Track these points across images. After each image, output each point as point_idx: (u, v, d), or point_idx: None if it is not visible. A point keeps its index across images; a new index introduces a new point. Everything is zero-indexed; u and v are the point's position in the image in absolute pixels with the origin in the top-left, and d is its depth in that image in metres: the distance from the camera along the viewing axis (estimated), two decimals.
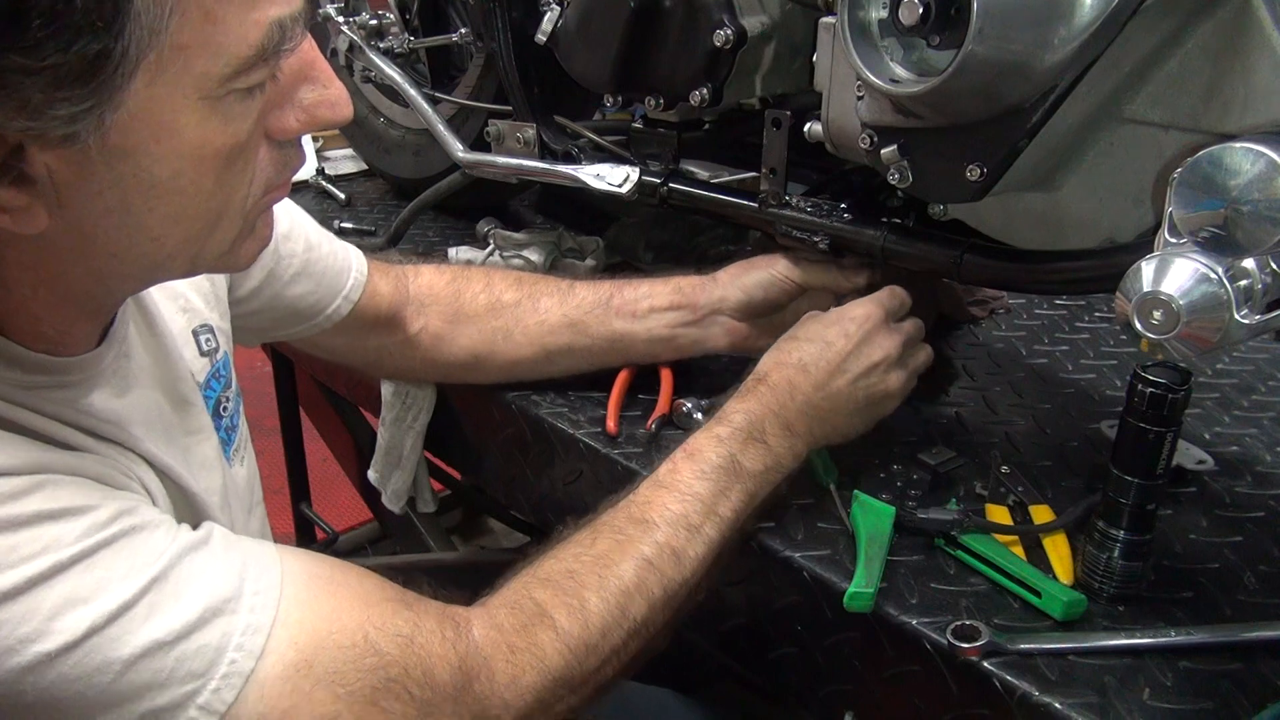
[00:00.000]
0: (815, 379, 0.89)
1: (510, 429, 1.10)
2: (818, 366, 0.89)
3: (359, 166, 1.80)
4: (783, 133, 0.98)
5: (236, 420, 0.85)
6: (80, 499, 0.58)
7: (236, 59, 0.53)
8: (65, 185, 0.53)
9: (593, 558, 0.76)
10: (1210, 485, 0.94)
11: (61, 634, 0.54)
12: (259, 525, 0.88)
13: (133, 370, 0.71)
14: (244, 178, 0.59)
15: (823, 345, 0.90)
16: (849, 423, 0.91)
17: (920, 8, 0.72)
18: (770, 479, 0.86)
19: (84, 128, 0.50)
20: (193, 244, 0.60)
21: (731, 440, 0.84)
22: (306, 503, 1.85)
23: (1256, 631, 0.75)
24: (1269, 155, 0.61)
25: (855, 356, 0.90)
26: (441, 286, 1.07)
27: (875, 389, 0.91)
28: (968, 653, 0.73)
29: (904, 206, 0.95)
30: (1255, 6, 0.68)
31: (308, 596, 0.63)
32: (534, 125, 1.21)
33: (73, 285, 0.61)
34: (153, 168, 0.54)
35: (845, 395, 0.90)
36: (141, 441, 0.67)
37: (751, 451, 0.85)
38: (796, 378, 0.89)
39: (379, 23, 1.49)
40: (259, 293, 0.92)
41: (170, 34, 0.50)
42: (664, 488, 0.82)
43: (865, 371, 0.90)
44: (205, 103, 0.53)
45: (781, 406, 0.87)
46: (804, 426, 0.88)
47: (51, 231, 0.54)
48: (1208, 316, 0.63)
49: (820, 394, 0.89)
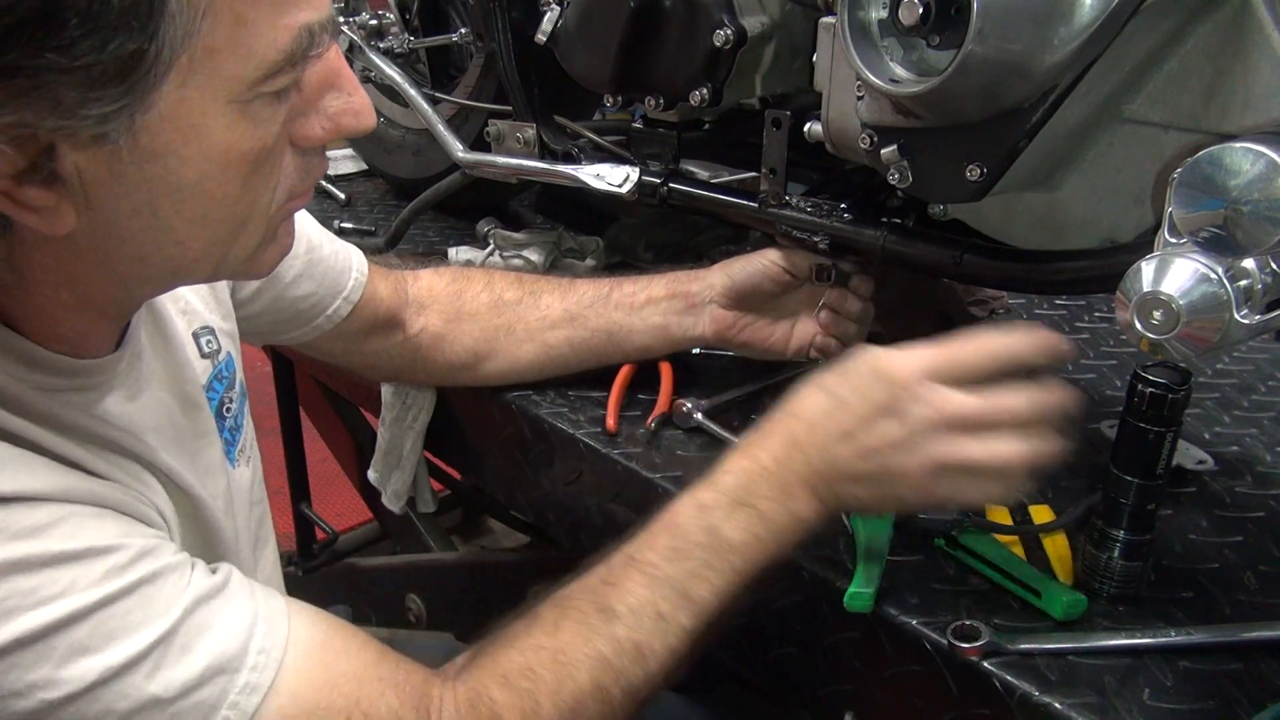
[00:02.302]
0: (818, 439, 0.73)
1: (510, 429, 1.10)
2: (825, 427, 0.74)
3: (359, 166, 1.80)
4: (783, 133, 0.98)
5: (240, 421, 0.85)
6: (101, 537, 0.58)
7: (266, 63, 0.53)
8: (94, 186, 0.53)
9: (551, 653, 0.69)
10: (1210, 485, 0.94)
11: (69, 683, 0.54)
12: (255, 526, 0.88)
13: (144, 373, 0.71)
14: (269, 183, 0.59)
15: (836, 401, 0.74)
16: (865, 496, 0.74)
17: (920, 8, 0.72)
18: (765, 549, 0.73)
19: (115, 128, 0.50)
20: (217, 248, 0.60)
21: (716, 508, 0.73)
22: (306, 503, 1.85)
23: (1256, 631, 0.75)
24: (1269, 155, 0.61)
25: (868, 425, 0.72)
26: (441, 287, 1.07)
27: (889, 466, 0.72)
28: (968, 653, 0.73)
29: (904, 206, 0.95)
30: (1255, 6, 0.68)
31: (307, 666, 0.63)
32: (534, 125, 1.21)
33: (95, 288, 0.61)
34: (181, 170, 0.54)
35: (851, 468, 0.73)
36: (155, 451, 0.68)
37: (739, 519, 0.73)
38: (800, 432, 0.74)
39: (379, 23, 1.49)
40: (260, 295, 0.92)
41: (202, 36, 0.50)
42: (635, 565, 0.72)
43: (878, 446, 0.72)
44: (234, 106, 0.54)
45: (779, 465, 0.74)
46: (806, 492, 0.74)
47: (78, 233, 0.55)
48: (1208, 316, 0.63)
49: (822, 460, 0.73)
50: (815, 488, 0.74)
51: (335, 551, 1.89)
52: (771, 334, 1.06)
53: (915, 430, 0.71)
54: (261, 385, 1.80)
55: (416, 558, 1.69)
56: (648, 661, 0.70)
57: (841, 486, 0.74)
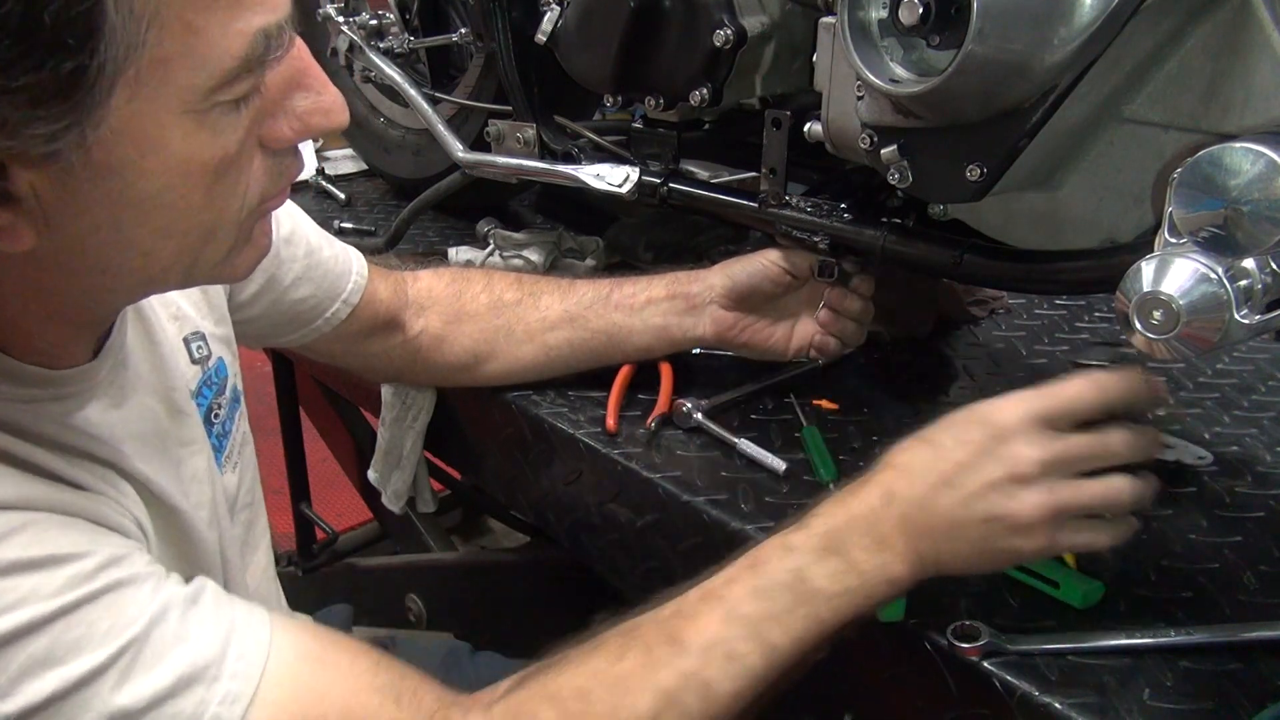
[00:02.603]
0: (917, 490, 0.69)
1: (510, 429, 1.10)
2: (924, 475, 0.70)
3: (359, 166, 1.80)
4: (783, 133, 0.98)
5: (229, 426, 0.84)
6: (66, 544, 0.56)
7: (220, 70, 0.51)
8: (51, 203, 0.51)
9: (612, 680, 0.66)
10: (1210, 485, 0.94)
11: (26, 695, 0.52)
12: (244, 531, 0.86)
13: (129, 379, 0.70)
14: (236, 189, 0.58)
15: (936, 449, 0.70)
16: (967, 552, 0.70)
17: (920, 8, 0.72)
18: (853, 601, 0.69)
19: (65, 145, 0.49)
20: (185, 257, 0.59)
21: (804, 551, 0.69)
22: (306, 503, 1.85)
23: (1256, 631, 0.75)
24: (1269, 155, 0.61)
25: (970, 470, 0.68)
26: (441, 289, 1.07)
27: (995, 512, 0.67)
28: (968, 653, 0.73)
29: (904, 206, 0.95)
30: (1255, 6, 0.68)
31: (292, 676, 0.60)
32: (534, 125, 1.21)
33: (64, 300, 0.60)
34: (140, 183, 0.53)
35: (952, 517, 0.68)
36: (132, 460, 0.66)
37: (829, 566, 0.68)
38: (898, 484, 0.70)
39: (379, 23, 1.48)
40: (259, 298, 0.92)
41: (149, 48, 0.48)
42: (713, 600, 0.69)
43: (981, 490, 0.68)
44: (190, 116, 0.52)
45: (875, 516, 0.69)
46: (904, 544, 0.69)
47: (41, 248, 0.53)
48: (1208, 316, 0.63)
49: (921, 511, 0.69)
50: (912, 540, 0.69)
51: (335, 551, 1.89)
52: (772, 334, 1.06)
53: (1020, 471, 0.67)
54: (261, 385, 1.81)
55: (416, 558, 1.69)
56: (712, 701, 0.66)
57: (942, 541, 0.69)
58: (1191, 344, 0.64)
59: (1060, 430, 0.69)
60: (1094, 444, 0.69)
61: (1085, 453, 0.69)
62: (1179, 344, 0.64)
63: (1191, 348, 0.64)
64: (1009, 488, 0.67)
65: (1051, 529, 0.68)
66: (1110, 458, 0.69)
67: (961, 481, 0.68)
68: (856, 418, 1.04)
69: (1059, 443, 0.68)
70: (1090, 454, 0.69)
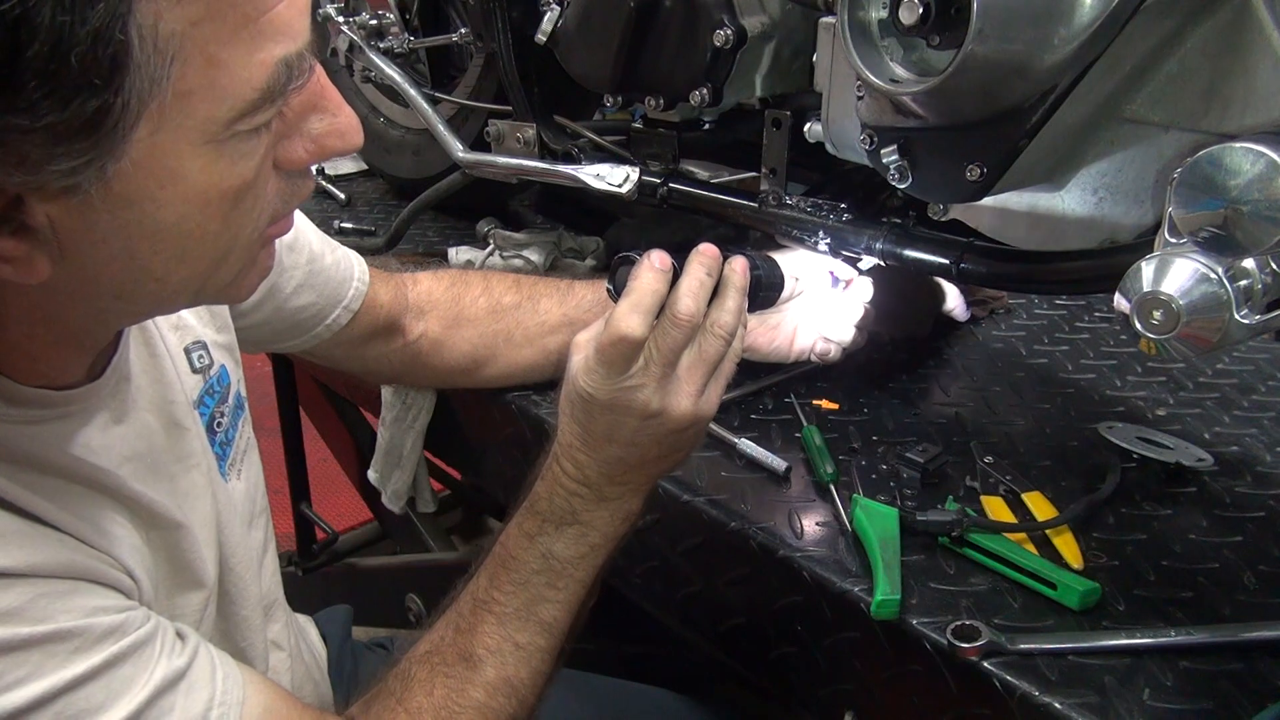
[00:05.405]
0: (594, 440, 0.76)
1: (510, 429, 1.10)
2: (589, 429, 0.76)
3: (359, 166, 1.80)
4: (783, 133, 0.98)
5: (232, 434, 0.84)
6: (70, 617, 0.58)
7: (242, 102, 0.51)
8: (67, 234, 0.51)
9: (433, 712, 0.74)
10: (1210, 485, 0.94)
11: None
12: (261, 537, 0.87)
13: (131, 395, 0.70)
14: (252, 214, 0.58)
15: (574, 414, 0.77)
16: (658, 452, 0.77)
17: (920, 8, 0.72)
18: (603, 550, 0.78)
19: (85, 179, 0.49)
20: (197, 280, 0.59)
21: (542, 534, 0.77)
22: (306, 503, 1.85)
23: (1256, 631, 0.75)
24: (1269, 155, 0.60)
25: (610, 403, 0.74)
26: (440, 292, 1.06)
27: (643, 409, 0.74)
28: (968, 653, 0.73)
29: (904, 206, 0.95)
30: (1255, 6, 0.68)
31: None
32: (534, 125, 1.21)
33: (72, 324, 0.60)
34: (158, 214, 0.53)
35: (630, 440, 0.75)
36: (129, 482, 0.67)
37: (568, 536, 0.77)
38: (576, 451, 0.77)
39: (379, 23, 1.49)
40: (261, 306, 0.91)
41: (172, 82, 0.48)
42: (482, 609, 0.77)
43: (627, 406, 0.74)
44: (210, 146, 0.52)
45: (580, 477, 0.76)
46: (614, 488, 0.77)
47: (55, 278, 0.53)
48: (1208, 316, 0.63)
49: (606, 455, 0.76)
50: (618, 479, 0.77)
51: (335, 551, 1.89)
52: (774, 338, 1.06)
53: (633, 372, 0.74)
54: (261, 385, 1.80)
55: (416, 558, 1.69)
56: (520, 691, 0.76)
57: (635, 464, 0.77)
58: (1191, 344, 0.64)
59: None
60: (672, 304, 0.74)
61: (673, 319, 0.74)
62: (1179, 344, 0.64)
63: (1191, 348, 0.64)
64: (641, 390, 0.74)
65: (705, 398, 0.76)
66: (692, 301, 0.74)
67: (616, 412, 0.74)
68: (856, 418, 1.04)
69: (647, 331, 0.74)
70: (675, 318, 0.74)
